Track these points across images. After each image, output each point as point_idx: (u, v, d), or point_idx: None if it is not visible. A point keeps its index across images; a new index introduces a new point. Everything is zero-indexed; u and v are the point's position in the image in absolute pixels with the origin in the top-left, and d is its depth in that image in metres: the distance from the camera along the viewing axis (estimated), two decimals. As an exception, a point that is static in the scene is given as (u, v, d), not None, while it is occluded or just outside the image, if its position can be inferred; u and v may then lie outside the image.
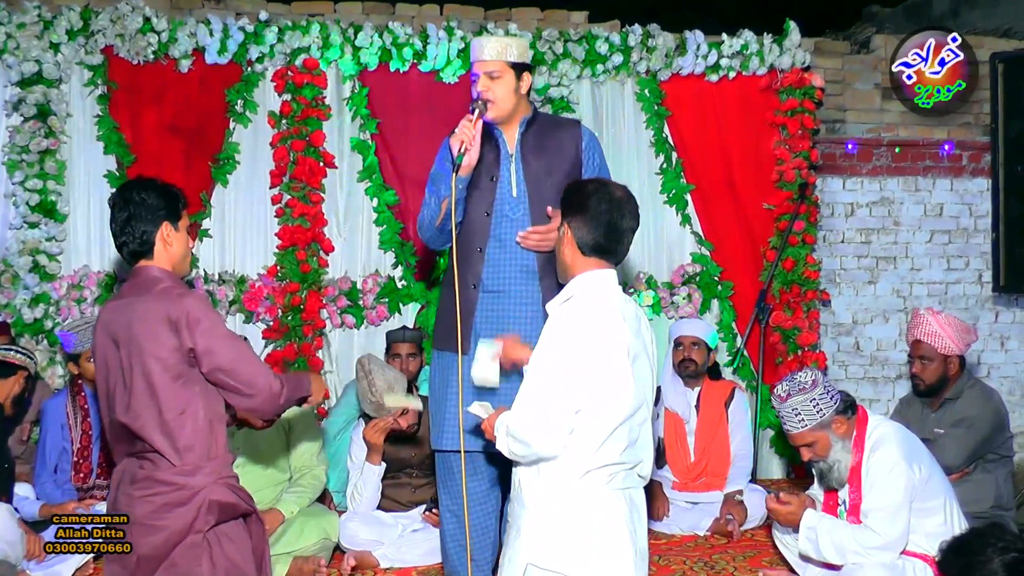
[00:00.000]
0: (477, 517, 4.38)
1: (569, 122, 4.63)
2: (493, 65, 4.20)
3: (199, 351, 3.38)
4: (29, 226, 6.29)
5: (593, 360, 3.28)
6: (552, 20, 7.08)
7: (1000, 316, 7.82)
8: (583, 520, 3.30)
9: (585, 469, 3.30)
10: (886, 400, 7.54)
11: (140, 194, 3.55)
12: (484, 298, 4.29)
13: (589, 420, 3.29)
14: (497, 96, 4.21)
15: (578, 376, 3.27)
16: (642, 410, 3.42)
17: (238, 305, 6.53)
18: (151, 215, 3.54)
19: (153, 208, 3.54)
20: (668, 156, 7.04)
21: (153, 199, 3.55)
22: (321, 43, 6.56)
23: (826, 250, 7.53)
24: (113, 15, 6.32)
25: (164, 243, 3.56)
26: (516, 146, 4.33)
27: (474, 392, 4.05)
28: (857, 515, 4.49)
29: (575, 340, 3.30)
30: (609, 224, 3.44)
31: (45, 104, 6.30)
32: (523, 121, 4.33)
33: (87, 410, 5.57)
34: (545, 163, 4.32)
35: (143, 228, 3.52)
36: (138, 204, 3.52)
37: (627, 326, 3.38)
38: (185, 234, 3.67)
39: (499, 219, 4.29)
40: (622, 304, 3.45)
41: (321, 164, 6.61)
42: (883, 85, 7.61)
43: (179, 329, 3.37)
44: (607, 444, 3.31)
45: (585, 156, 4.38)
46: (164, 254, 3.57)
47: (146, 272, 3.54)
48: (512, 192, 4.30)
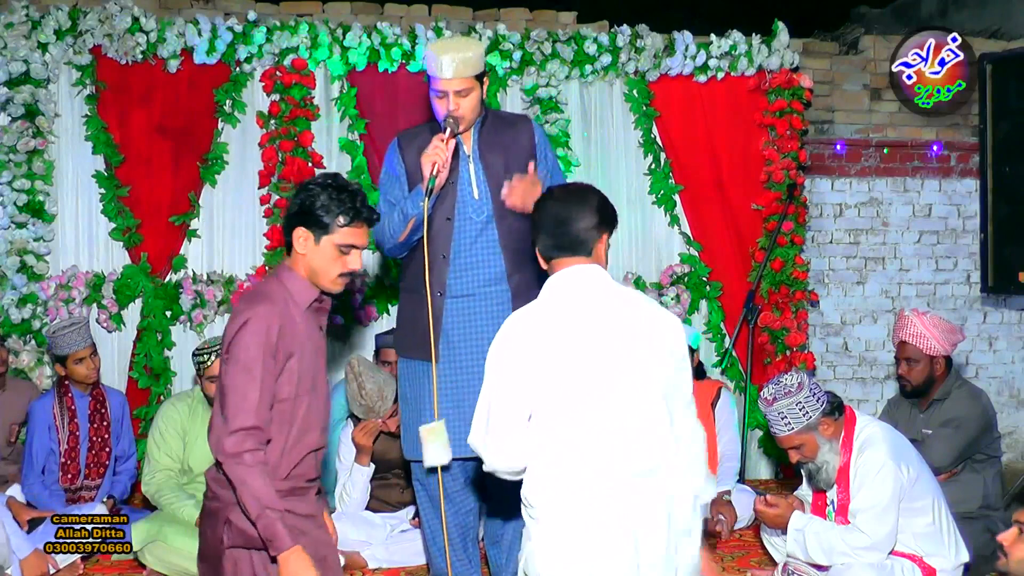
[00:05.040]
0: (456, 517, 4.40)
1: (520, 118, 4.61)
2: (460, 83, 4.13)
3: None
4: (17, 226, 6.27)
5: (528, 364, 3.14)
6: (541, 20, 7.08)
7: (988, 317, 7.84)
8: (558, 531, 3.12)
9: (553, 478, 3.12)
10: (874, 400, 7.56)
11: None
12: (451, 303, 4.26)
13: (542, 426, 3.13)
14: (466, 110, 4.18)
15: (514, 382, 3.15)
16: (623, 412, 3.11)
17: (226, 305, 6.51)
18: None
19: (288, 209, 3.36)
20: (656, 157, 7.05)
21: (305, 199, 3.32)
22: (309, 43, 6.55)
23: (814, 251, 7.54)
24: (101, 15, 6.31)
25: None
26: (474, 147, 4.31)
27: (452, 402, 4.10)
28: (845, 516, 4.50)
29: (504, 347, 3.20)
30: (555, 220, 3.32)
31: (33, 104, 6.28)
32: (478, 121, 4.31)
33: (74, 411, 5.56)
34: (503, 161, 4.29)
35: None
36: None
37: (584, 322, 3.17)
38: (324, 248, 3.31)
39: (462, 223, 4.26)
40: (592, 298, 3.22)
41: (309, 164, 6.59)
42: (872, 86, 7.64)
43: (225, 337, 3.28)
44: (571, 450, 3.10)
45: (539, 151, 4.37)
46: (298, 258, 3.33)
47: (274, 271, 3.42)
48: (473, 194, 4.27)
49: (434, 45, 4.19)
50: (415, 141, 4.32)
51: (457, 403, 4.23)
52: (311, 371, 3.33)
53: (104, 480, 5.64)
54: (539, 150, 4.39)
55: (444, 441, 4.01)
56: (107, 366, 6.26)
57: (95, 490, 5.60)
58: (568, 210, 3.33)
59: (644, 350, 3.19)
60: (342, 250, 3.28)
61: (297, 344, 3.26)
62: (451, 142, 4.13)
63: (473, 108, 4.20)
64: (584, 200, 3.38)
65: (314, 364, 3.35)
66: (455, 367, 4.26)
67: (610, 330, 3.18)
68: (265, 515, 3.09)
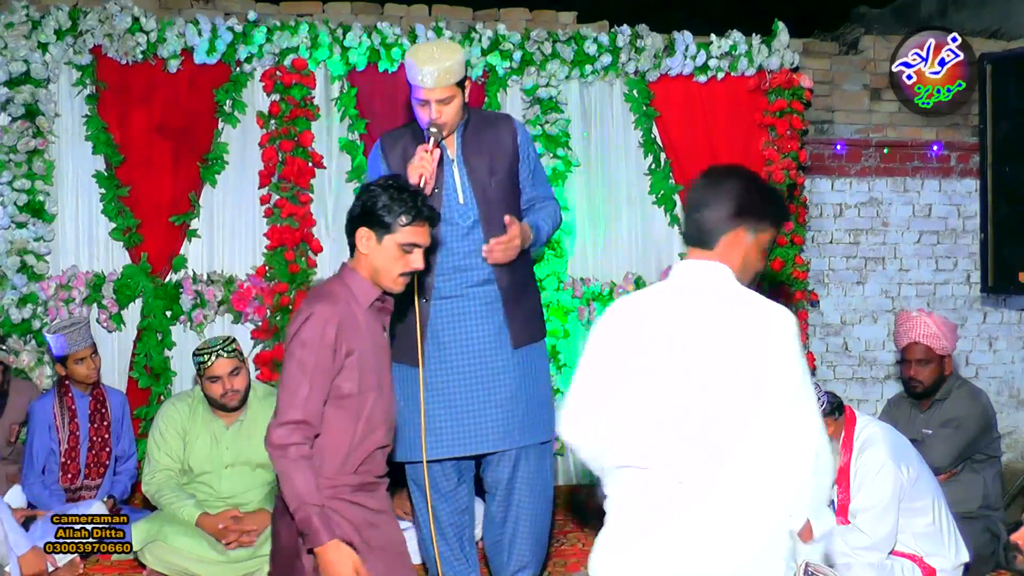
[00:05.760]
0: (452, 516, 4.41)
1: (502, 117, 4.57)
2: (443, 92, 4.10)
3: None
4: (17, 226, 6.27)
5: (612, 348, 2.97)
6: (540, 20, 7.08)
7: (988, 317, 7.84)
8: (615, 527, 2.92)
9: (609, 469, 2.96)
10: (874, 400, 7.55)
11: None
12: (439, 305, 4.25)
13: (619, 417, 2.92)
14: (449, 118, 4.16)
15: (596, 361, 3.00)
16: (674, 408, 2.84)
17: (227, 305, 6.52)
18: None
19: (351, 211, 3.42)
20: (656, 157, 7.05)
21: (367, 199, 3.38)
22: (310, 43, 6.55)
23: (815, 251, 7.54)
24: (101, 15, 6.31)
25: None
26: (457, 151, 4.29)
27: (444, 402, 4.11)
28: (845, 516, 4.50)
29: (596, 326, 3.08)
30: (689, 205, 3.05)
31: (33, 104, 6.28)
32: (461, 124, 4.29)
33: (75, 411, 5.56)
34: (487, 163, 4.28)
35: None
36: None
37: (648, 316, 2.96)
38: (387, 247, 3.37)
39: (447, 227, 4.22)
40: (664, 292, 3.01)
41: (310, 164, 6.60)
42: (872, 86, 7.63)
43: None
44: (625, 441, 2.90)
45: (522, 150, 4.36)
46: (361, 258, 3.40)
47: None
48: (459, 199, 4.25)
49: (413, 53, 4.13)
50: (398, 143, 4.31)
51: (448, 404, 4.24)
52: (375, 369, 3.39)
53: (104, 480, 5.64)
54: (522, 149, 4.37)
55: None
56: (107, 366, 6.26)
57: (95, 490, 5.60)
58: (700, 195, 3.01)
59: (737, 361, 2.83)
60: (404, 249, 3.35)
61: (358, 342, 3.31)
62: (436, 152, 4.10)
63: (455, 114, 4.18)
64: (719, 185, 3.01)
65: (377, 363, 3.41)
66: (445, 368, 4.26)
67: (700, 334, 2.87)
68: (303, 508, 3.15)
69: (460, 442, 4.25)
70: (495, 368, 4.28)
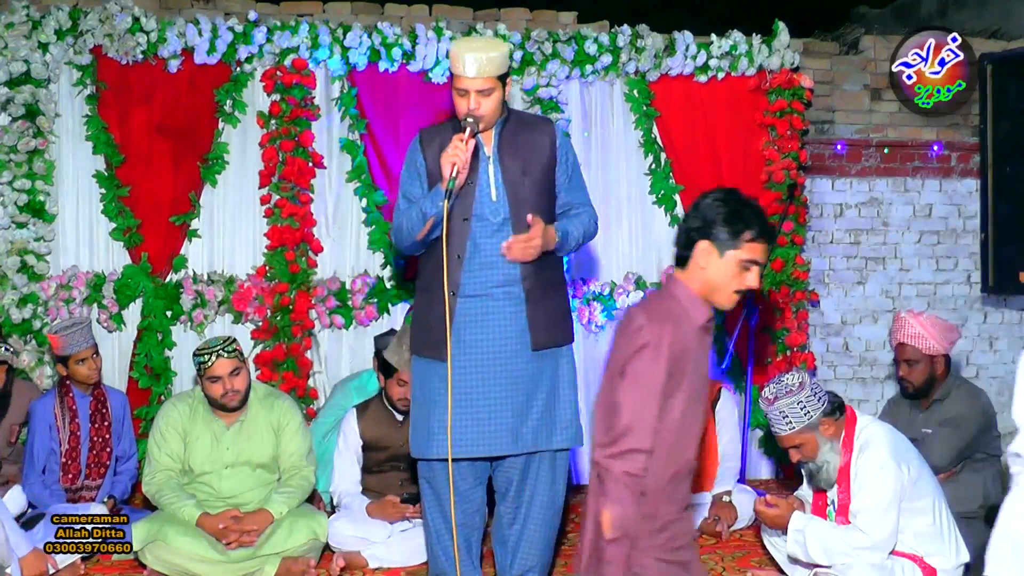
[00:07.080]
0: (463, 516, 4.38)
1: (542, 120, 4.58)
2: (484, 83, 4.09)
3: None
4: (17, 226, 6.27)
5: None
6: (541, 20, 7.08)
7: (989, 317, 7.84)
8: None
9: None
10: (875, 400, 7.56)
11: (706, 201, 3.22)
12: (464, 303, 4.22)
13: None
14: (487, 110, 4.14)
15: None
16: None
17: (227, 305, 6.52)
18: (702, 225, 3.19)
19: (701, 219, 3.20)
20: (657, 157, 7.05)
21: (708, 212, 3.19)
22: (310, 43, 6.55)
23: (815, 251, 7.54)
24: (102, 15, 6.31)
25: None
26: (494, 148, 4.27)
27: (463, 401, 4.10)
28: (846, 516, 4.50)
29: None
30: None
31: (34, 104, 6.29)
32: (499, 121, 4.28)
33: (75, 411, 5.56)
34: (521, 163, 4.26)
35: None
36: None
37: None
38: (728, 263, 3.17)
39: (478, 223, 4.22)
40: None
41: (310, 164, 6.60)
42: (872, 86, 7.64)
43: None
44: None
45: (559, 154, 4.34)
46: (696, 272, 3.20)
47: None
48: (491, 195, 4.24)
49: (458, 43, 4.17)
50: (437, 138, 4.29)
51: (465, 404, 4.22)
52: (700, 394, 3.26)
53: (105, 480, 5.64)
54: (560, 153, 4.35)
55: None
56: (108, 366, 6.27)
57: (96, 490, 5.60)
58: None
59: None
60: (744, 266, 3.15)
61: (691, 365, 3.16)
62: (471, 142, 4.10)
63: (494, 108, 4.17)
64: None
65: (702, 387, 3.27)
66: (465, 367, 4.22)
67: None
68: (622, 541, 3.05)
69: (472, 443, 4.23)
70: (514, 370, 4.24)
